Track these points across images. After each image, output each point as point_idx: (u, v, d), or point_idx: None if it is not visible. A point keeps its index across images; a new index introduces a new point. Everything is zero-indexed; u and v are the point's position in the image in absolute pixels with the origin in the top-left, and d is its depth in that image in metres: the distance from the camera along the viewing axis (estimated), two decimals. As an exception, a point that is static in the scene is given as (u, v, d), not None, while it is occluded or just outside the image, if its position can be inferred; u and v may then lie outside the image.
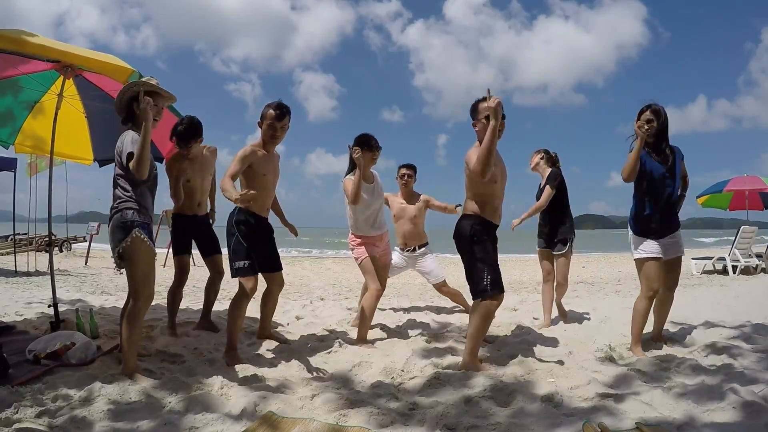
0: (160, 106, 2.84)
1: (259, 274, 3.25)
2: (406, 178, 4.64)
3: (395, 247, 4.67)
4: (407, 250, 4.71)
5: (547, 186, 4.15)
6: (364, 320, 3.64)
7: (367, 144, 3.61)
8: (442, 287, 4.74)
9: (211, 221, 4.04)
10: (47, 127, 3.78)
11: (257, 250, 3.20)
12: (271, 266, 3.38)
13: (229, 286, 4.59)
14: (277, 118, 3.15)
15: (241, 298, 3.13)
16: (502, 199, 3.04)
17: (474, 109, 2.93)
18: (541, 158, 4.34)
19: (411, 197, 4.66)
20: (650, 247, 3.19)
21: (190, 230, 3.88)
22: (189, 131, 3.70)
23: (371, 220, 3.81)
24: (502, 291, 2.94)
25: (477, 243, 2.92)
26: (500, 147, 2.86)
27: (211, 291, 3.96)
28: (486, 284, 2.86)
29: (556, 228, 4.21)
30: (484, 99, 2.83)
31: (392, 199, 4.66)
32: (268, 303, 3.59)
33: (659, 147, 3.18)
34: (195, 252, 4.02)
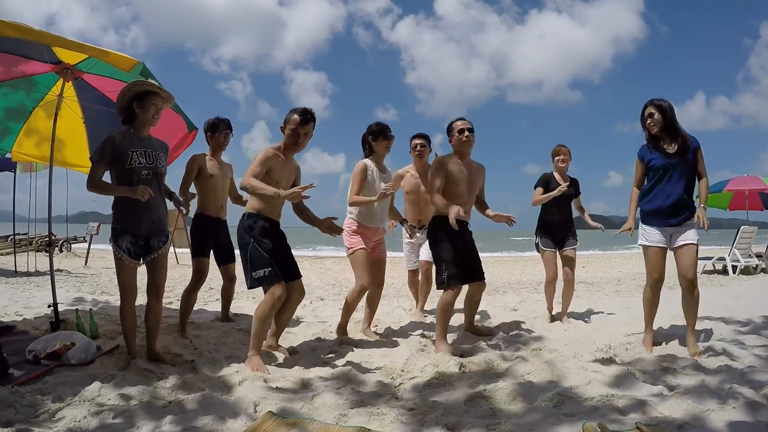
0: (159, 107, 2.88)
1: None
2: (419, 148, 4.28)
3: (405, 225, 4.35)
4: (421, 228, 4.36)
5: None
6: (346, 311, 3.77)
7: (382, 133, 3.71)
8: (425, 267, 4.41)
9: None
10: (45, 134, 3.75)
11: (276, 255, 3.02)
12: (291, 274, 3.15)
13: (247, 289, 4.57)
14: (301, 123, 3.04)
15: (268, 309, 2.92)
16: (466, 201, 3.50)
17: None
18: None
19: (426, 170, 4.17)
20: (652, 236, 3.25)
21: (212, 233, 3.87)
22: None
23: (379, 211, 3.70)
24: (461, 283, 3.37)
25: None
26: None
27: (225, 295, 4.35)
28: (443, 277, 3.33)
29: (572, 222, 4.34)
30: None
31: (405, 175, 4.33)
32: (286, 312, 3.28)
33: (665, 140, 3.22)
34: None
